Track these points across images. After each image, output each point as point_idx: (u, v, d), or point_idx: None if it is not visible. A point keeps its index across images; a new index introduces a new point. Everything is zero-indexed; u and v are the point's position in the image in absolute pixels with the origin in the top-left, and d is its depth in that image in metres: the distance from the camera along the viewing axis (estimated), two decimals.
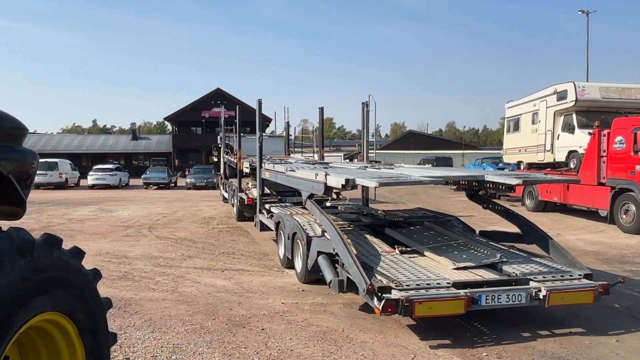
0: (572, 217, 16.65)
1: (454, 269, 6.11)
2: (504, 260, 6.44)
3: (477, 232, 8.73)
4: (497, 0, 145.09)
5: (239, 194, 14.96)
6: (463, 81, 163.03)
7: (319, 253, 7.09)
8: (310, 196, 7.78)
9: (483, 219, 14.40)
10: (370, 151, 15.91)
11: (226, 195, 19.71)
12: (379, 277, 5.67)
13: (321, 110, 15.97)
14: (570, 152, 16.95)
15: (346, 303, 7.01)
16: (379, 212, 10.29)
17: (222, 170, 21.61)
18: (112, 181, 34.68)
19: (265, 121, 53.95)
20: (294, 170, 9.21)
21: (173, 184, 36.31)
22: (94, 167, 35.36)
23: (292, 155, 19.77)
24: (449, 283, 5.44)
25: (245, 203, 14.17)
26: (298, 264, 8.37)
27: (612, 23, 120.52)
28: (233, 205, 16.92)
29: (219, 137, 33.32)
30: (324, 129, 16.73)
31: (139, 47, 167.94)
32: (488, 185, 7.60)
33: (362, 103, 13.08)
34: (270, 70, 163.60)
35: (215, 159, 23.94)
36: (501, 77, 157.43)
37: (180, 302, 7.18)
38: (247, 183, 16.00)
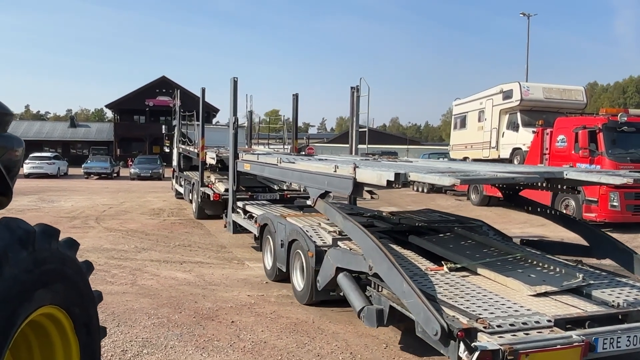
0: (515, 212, 17.39)
1: (532, 295, 4.66)
2: (590, 282, 4.99)
3: (518, 241, 7.18)
4: (442, 0, 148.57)
5: (201, 188, 13.57)
6: (407, 78, 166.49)
7: (339, 270, 5.56)
8: (323, 195, 6.30)
9: None
10: (313, 143, 15.71)
11: (181, 190, 17.84)
12: (450, 312, 4.13)
13: (295, 97, 14.50)
14: (515, 149, 17.70)
15: None
16: (383, 214, 8.40)
17: (175, 162, 19.43)
18: (50, 170, 33.11)
19: (212, 111, 53.20)
20: (293, 162, 7.64)
21: (115, 174, 35.12)
22: (30, 155, 33.60)
23: (254, 147, 18.36)
24: (549, 321, 4.06)
25: (211, 199, 12.83)
26: (298, 280, 6.83)
27: (550, 26, 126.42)
28: (191, 201, 15.45)
29: (163, 127, 32.48)
30: (294, 120, 15.21)
31: (74, 30, 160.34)
32: (558, 184, 6.18)
33: (352, 87, 11.39)
34: (219, 61, 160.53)
35: (167, 150, 22.12)
36: (443, 75, 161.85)
37: (142, 295, 7.01)
38: (210, 177, 14.45)
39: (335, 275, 5.59)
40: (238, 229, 9.98)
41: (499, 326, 3.89)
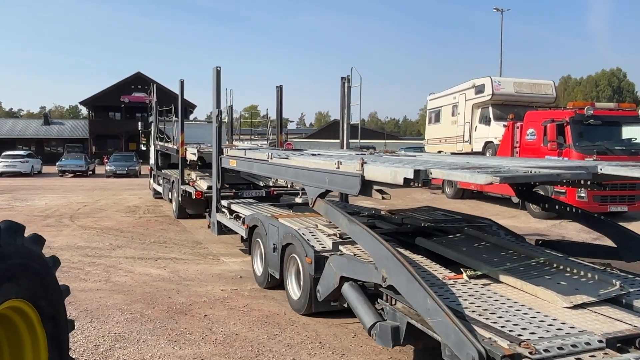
0: (488, 204, 17.76)
1: (568, 307, 4.08)
2: (629, 290, 4.40)
3: (533, 241, 6.47)
4: None
5: (182, 186, 12.80)
6: (385, 73, 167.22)
7: (344, 279, 5.00)
8: (322, 195, 5.69)
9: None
10: (291, 138, 15.10)
11: (159, 188, 16.91)
12: (485, 333, 3.52)
13: (279, 89, 13.46)
14: (487, 142, 18.03)
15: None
16: (382, 212, 7.66)
17: (153, 160, 18.26)
18: (23, 168, 32.57)
19: (189, 107, 52.75)
20: (286, 158, 6.96)
21: (91, 172, 34.68)
22: (3, 154, 33.01)
23: (235, 143, 17.21)
24: (600, 341, 3.49)
25: (193, 197, 12.14)
26: (293, 288, 6.25)
27: (523, 22, 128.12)
28: (171, 200, 14.66)
29: (139, 123, 31.96)
30: (279, 113, 14.06)
31: (46, 25, 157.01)
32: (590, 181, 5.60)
33: (342, 78, 10.44)
34: (196, 56, 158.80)
35: (144, 147, 21.09)
36: (420, 70, 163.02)
37: (115, 291, 7.05)
38: (190, 174, 13.74)
39: (340, 285, 5.01)
40: (223, 229, 9.29)
41: (546, 350, 3.30)
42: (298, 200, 8.78)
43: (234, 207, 9.14)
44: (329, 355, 4.90)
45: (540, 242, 6.38)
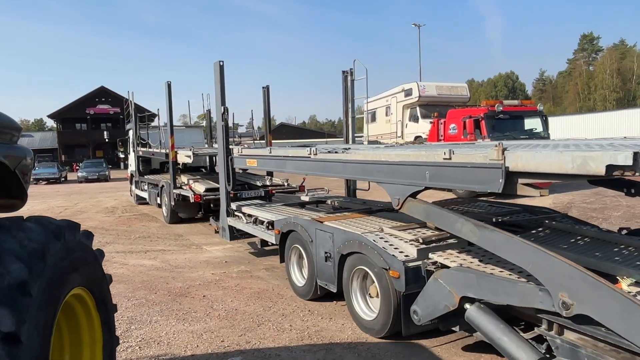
0: (434, 190, 18.34)
1: None
2: None
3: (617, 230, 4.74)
4: (353, 13, 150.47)
5: (174, 191, 11.08)
6: (322, 80, 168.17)
7: (465, 300, 3.57)
8: (415, 194, 4.09)
9: None
10: (245, 141, 13.81)
11: (143, 194, 14.80)
12: None
13: (266, 89, 11.99)
14: (416, 137, 18.62)
15: (267, 268, 7.27)
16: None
17: (134, 167, 15.96)
18: None
19: (151, 116, 51.07)
20: (343, 152, 5.25)
21: (63, 179, 32.93)
22: None
23: (214, 145, 15.31)
24: None
25: (191, 201, 10.47)
26: (360, 306, 4.76)
27: (436, 34, 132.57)
28: (160, 205, 12.72)
29: (105, 132, 30.60)
30: (267, 113, 12.50)
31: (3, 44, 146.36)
32: None
33: (344, 72, 8.85)
34: (153, 70, 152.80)
35: (122, 154, 18.92)
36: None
37: (116, 282, 6.85)
38: (179, 177, 11.79)
39: (458, 308, 3.59)
40: (236, 234, 7.78)
41: None
42: (305, 198, 7.74)
43: (246, 209, 7.57)
44: (318, 320, 5.03)
45: (627, 230, 4.69)
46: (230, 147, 7.84)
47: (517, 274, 3.45)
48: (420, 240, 4.36)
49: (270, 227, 6.65)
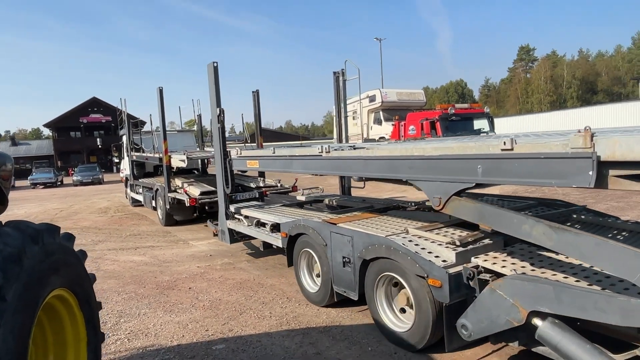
0: (385, 184, 18.39)
1: None
2: None
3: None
4: (322, 29, 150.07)
5: (169, 194, 10.25)
6: (293, 87, 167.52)
7: (534, 315, 2.73)
8: (460, 192, 3.20)
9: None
10: (230, 145, 13.44)
11: (138, 197, 13.80)
12: None
13: (256, 93, 10.99)
14: (380, 138, 18.66)
15: (249, 260, 7.07)
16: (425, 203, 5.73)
17: (128, 171, 14.89)
18: None
19: (140, 123, 49.67)
20: (354, 148, 4.33)
21: (60, 183, 31.69)
22: None
23: (207, 149, 14.21)
24: None
25: (187, 205, 9.59)
26: (388, 316, 3.91)
27: (395, 47, 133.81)
28: (155, 208, 11.75)
29: (98, 139, 29.48)
30: (257, 117, 11.58)
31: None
32: None
33: (334, 72, 7.92)
34: (142, 81, 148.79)
35: (116, 159, 17.85)
36: (321, 85, 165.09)
37: (107, 277, 6.57)
38: (173, 181, 10.99)
39: (527, 323, 2.74)
40: (236, 237, 6.80)
41: None
42: (301, 197, 6.98)
43: (246, 211, 6.59)
44: (296, 306, 4.89)
45: None
46: (227, 149, 7.02)
47: (595, 282, 2.63)
48: (458, 243, 3.49)
49: (274, 229, 5.75)
